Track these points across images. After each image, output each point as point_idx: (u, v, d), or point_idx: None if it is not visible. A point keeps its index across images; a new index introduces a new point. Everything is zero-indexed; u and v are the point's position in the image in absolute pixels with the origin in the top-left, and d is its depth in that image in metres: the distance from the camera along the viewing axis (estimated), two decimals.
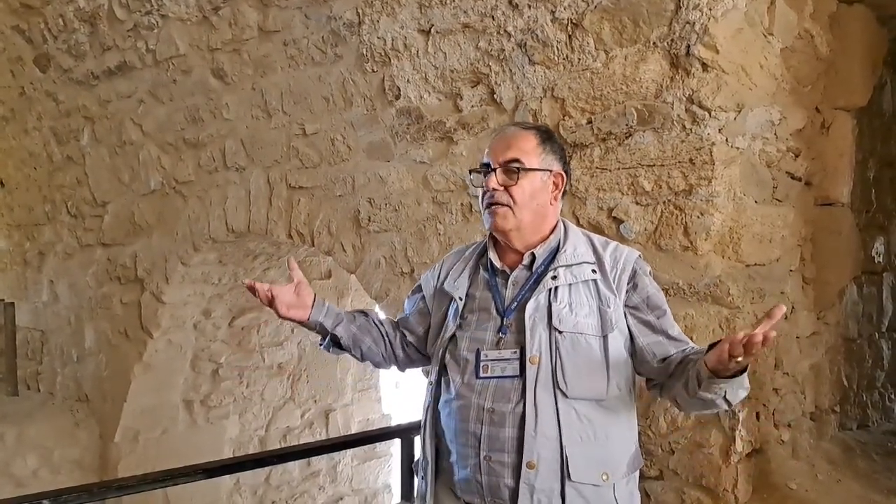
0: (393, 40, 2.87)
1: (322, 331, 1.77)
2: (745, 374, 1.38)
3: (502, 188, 1.56)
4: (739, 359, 1.29)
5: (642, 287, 1.58)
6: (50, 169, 4.97)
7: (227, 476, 4.57)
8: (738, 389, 1.42)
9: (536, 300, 1.53)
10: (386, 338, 1.82)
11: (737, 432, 2.05)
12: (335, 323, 1.76)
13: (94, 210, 4.63)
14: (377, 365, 1.87)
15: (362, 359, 1.84)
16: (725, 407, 1.46)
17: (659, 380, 1.58)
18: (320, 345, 1.82)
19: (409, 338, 1.82)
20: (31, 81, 4.92)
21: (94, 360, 4.69)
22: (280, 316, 1.73)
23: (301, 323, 1.75)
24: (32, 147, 5.09)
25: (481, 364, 1.54)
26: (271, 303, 1.70)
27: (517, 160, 1.57)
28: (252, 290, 1.72)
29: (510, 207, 1.56)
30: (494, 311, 1.59)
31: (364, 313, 1.85)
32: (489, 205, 1.58)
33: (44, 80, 4.81)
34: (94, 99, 4.48)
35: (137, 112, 4.21)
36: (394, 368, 1.91)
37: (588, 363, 1.50)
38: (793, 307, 2.35)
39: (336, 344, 1.79)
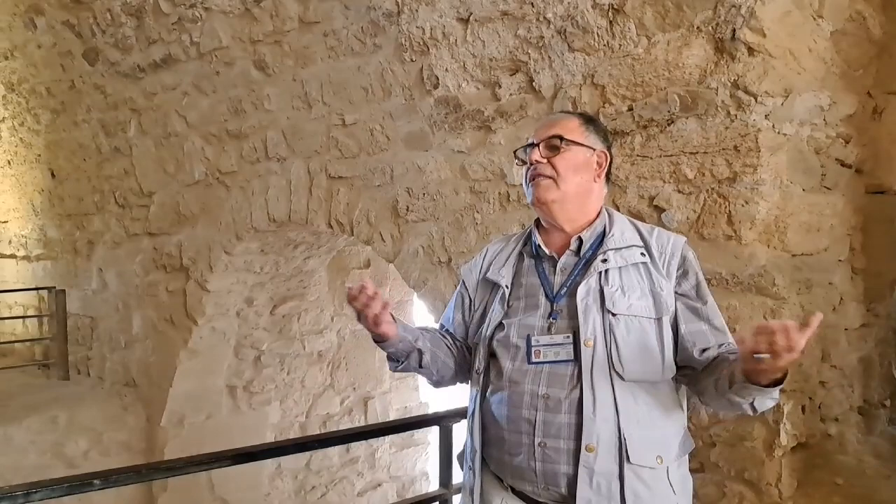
0: (431, 29, 2.86)
1: (406, 346, 1.65)
2: (778, 387, 1.36)
3: (545, 161, 1.57)
4: (763, 356, 1.27)
5: (692, 274, 1.57)
6: (98, 160, 5.11)
7: (270, 460, 4.66)
8: (767, 399, 1.41)
9: (588, 284, 1.52)
10: (452, 348, 1.74)
11: (781, 426, 2.01)
12: (415, 337, 1.66)
13: (141, 200, 4.74)
14: (450, 380, 1.76)
15: (436, 375, 1.73)
16: (750, 412, 1.45)
17: (692, 371, 1.55)
18: (396, 368, 1.70)
19: (462, 342, 1.75)
20: (80, 75, 5.07)
21: (142, 346, 4.82)
22: (375, 326, 1.57)
23: (386, 338, 1.60)
24: (82, 139, 5.23)
25: (533, 349, 1.52)
26: (369, 313, 1.55)
27: (559, 135, 1.58)
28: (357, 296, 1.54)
29: (553, 179, 1.56)
30: (543, 297, 1.57)
31: (423, 329, 1.75)
32: (532, 177, 1.59)
33: (92, 74, 4.94)
34: (140, 91, 4.59)
35: (182, 104, 4.30)
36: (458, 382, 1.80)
37: (643, 346, 1.49)
38: (841, 298, 2.29)
39: (417, 362, 1.68)
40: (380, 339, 1.62)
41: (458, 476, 1.87)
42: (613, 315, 1.49)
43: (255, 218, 3.91)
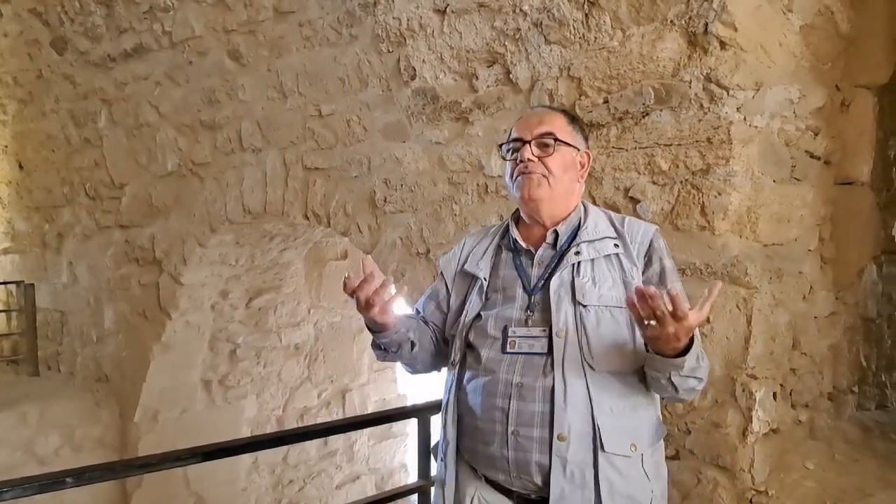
0: (408, 20, 2.86)
1: (400, 337, 1.63)
2: (686, 360, 1.39)
3: (537, 159, 1.58)
4: (651, 322, 1.33)
5: (657, 260, 1.59)
6: (68, 151, 5.01)
7: (246, 455, 4.64)
8: (687, 378, 1.43)
9: (560, 276, 1.54)
10: (433, 335, 1.74)
11: (754, 412, 2.05)
12: (407, 328, 1.65)
13: (112, 192, 4.67)
14: (429, 367, 1.76)
15: (419, 364, 1.73)
16: (673, 392, 1.48)
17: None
18: (384, 357, 1.68)
19: (437, 330, 1.75)
20: (48, 64, 4.96)
21: (114, 340, 4.75)
22: (381, 314, 1.54)
23: (385, 328, 1.58)
24: (50, 129, 5.13)
25: (508, 340, 1.54)
26: (369, 302, 1.51)
27: (551, 133, 1.59)
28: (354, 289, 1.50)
29: (545, 177, 1.57)
30: (521, 290, 1.59)
31: (406, 315, 1.73)
32: (522, 173, 1.58)
33: (61, 63, 4.85)
34: (110, 81, 4.51)
35: (154, 94, 4.23)
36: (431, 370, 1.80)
37: (614, 336, 1.51)
38: (811, 287, 2.34)
39: (409, 352, 1.67)
40: (378, 329, 1.59)
41: (435, 467, 1.87)
42: (584, 306, 1.51)
43: (230, 210, 3.88)
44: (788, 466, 2.13)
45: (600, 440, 1.46)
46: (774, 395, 2.15)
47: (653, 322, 1.33)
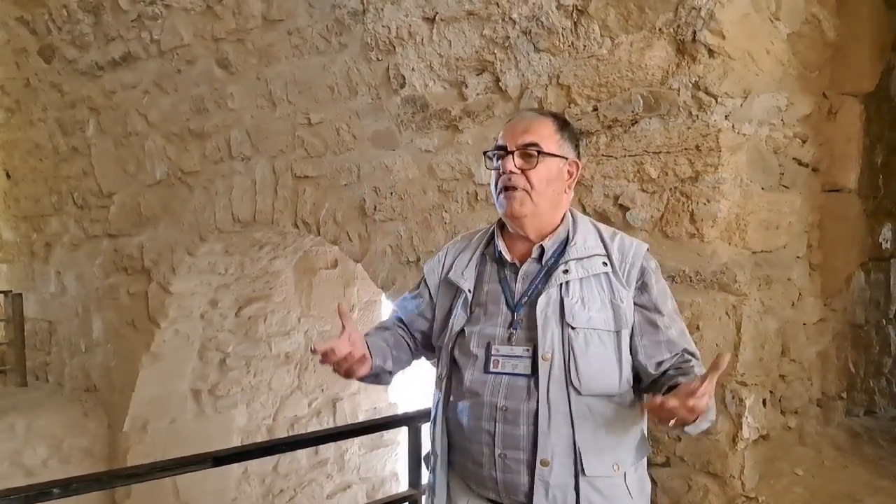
0: (397, 28, 2.86)
1: (377, 370, 1.63)
2: (699, 422, 1.38)
3: (519, 171, 1.52)
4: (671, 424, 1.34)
5: (651, 285, 1.55)
6: (56, 160, 4.98)
7: (236, 464, 4.60)
8: (695, 429, 1.43)
9: (548, 295, 1.50)
10: (408, 341, 1.76)
11: (743, 419, 2.05)
12: (384, 357, 1.64)
13: (101, 201, 4.64)
14: (400, 372, 1.78)
15: (395, 376, 1.76)
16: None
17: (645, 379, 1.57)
18: (366, 378, 1.66)
19: (417, 334, 1.75)
20: (35, 72, 4.93)
21: (102, 350, 4.72)
22: (358, 377, 1.58)
23: (364, 376, 1.60)
24: (38, 138, 5.10)
25: (491, 359, 1.51)
26: (348, 371, 1.54)
27: (535, 144, 1.52)
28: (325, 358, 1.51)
29: (527, 192, 1.52)
30: (504, 306, 1.55)
31: (384, 328, 1.75)
32: (505, 188, 1.53)
33: (48, 71, 4.82)
34: (98, 90, 4.49)
35: (142, 102, 4.22)
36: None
37: (601, 360, 1.48)
38: (800, 294, 2.35)
39: (387, 379, 1.71)
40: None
41: (427, 476, 1.87)
42: (573, 328, 1.47)
43: (219, 218, 3.86)
44: (778, 473, 2.13)
45: (581, 465, 1.45)
46: (764, 401, 2.15)
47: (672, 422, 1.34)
